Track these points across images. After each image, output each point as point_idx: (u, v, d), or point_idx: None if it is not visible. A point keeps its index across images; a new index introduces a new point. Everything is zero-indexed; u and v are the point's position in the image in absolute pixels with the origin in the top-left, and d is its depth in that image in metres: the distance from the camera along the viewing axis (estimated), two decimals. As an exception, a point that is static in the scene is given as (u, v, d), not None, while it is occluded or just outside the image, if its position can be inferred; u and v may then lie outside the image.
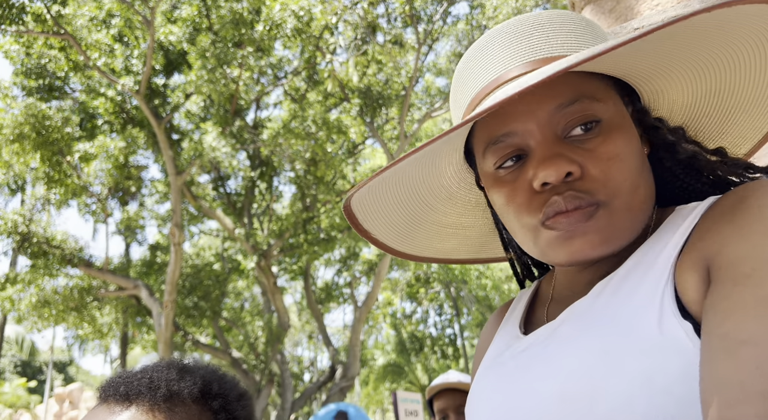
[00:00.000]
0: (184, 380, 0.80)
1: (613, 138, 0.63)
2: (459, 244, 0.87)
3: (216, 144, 11.04)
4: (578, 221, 0.60)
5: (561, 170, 0.60)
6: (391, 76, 12.39)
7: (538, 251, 0.65)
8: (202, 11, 11.34)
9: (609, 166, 0.62)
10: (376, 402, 26.59)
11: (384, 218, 0.78)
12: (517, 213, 0.65)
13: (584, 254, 0.61)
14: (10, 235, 11.16)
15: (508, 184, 0.66)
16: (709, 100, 0.71)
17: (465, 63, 0.71)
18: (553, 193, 0.62)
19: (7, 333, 28.45)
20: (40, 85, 12.30)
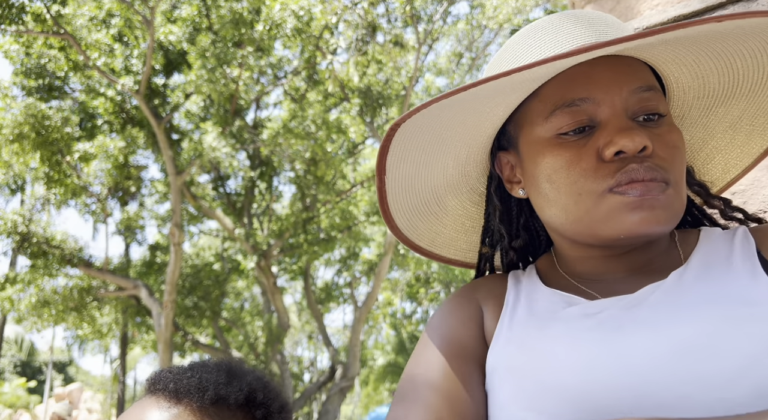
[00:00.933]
0: (232, 385, 0.80)
1: (675, 131, 0.67)
2: (434, 231, 0.86)
3: (216, 144, 11.02)
4: (652, 191, 0.62)
5: (639, 142, 0.62)
6: (391, 75, 12.38)
7: (590, 221, 0.65)
8: (202, 11, 11.33)
9: (674, 154, 0.65)
10: (376, 402, 26.58)
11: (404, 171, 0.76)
12: (580, 178, 0.65)
13: (647, 227, 0.62)
14: (9, 235, 11.15)
15: (573, 149, 0.66)
16: (706, 135, 0.79)
17: (521, 40, 0.71)
18: (628, 162, 0.63)
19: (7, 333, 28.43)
20: (40, 84, 12.28)
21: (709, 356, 0.54)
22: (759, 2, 1.30)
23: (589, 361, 0.59)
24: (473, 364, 0.69)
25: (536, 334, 0.65)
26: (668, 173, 0.63)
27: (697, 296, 0.60)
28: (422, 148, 0.73)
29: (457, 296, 0.80)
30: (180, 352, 14.60)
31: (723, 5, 1.34)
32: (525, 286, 0.76)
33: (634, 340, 0.58)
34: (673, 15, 1.40)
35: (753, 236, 0.67)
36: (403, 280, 21.94)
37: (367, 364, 24.89)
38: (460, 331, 0.73)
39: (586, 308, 0.65)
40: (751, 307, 0.56)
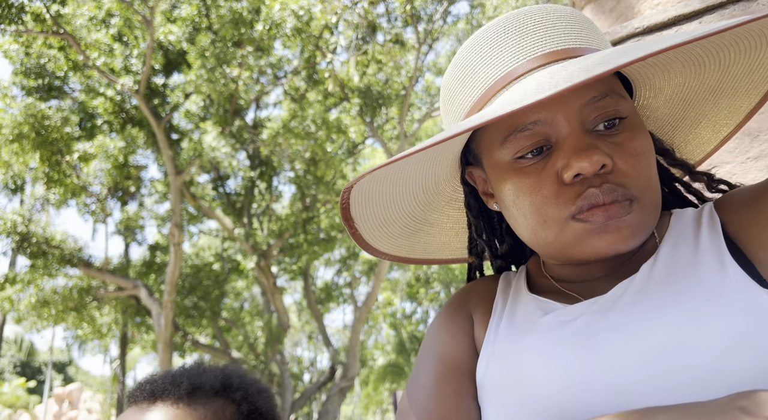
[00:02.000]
0: (206, 375, 0.85)
1: (637, 135, 0.64)
2: (424, 242, 0.86)
3: (215, 144, 11.02)
4: (616, 215, 0.60)
5: (596, 162, 0.60)
6: (391, 75, 12.38)
7: (559, 246, 0.64)
8: (202, 11, 11.32)
9: (637, 162, 0.62)
10: (376, 402, 26.58)
11: (371, 215, 0.76)
12: (542, 205, 0.63)
13: (615, 248, 0.61)
14: (9, 235, 11.15)
15: (532, 175, 0.63)
16: (686, 106, 0.76)
17: (465, 58, 0.69)
18: (587, 186, 0.61)
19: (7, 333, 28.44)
20: (40, 84, 12.28)
21: (679, 360, 0.54)
22: (759, 2, 1.29)
23: (565, 376, 0.59)
24: (467, 381, 0.70)
25: (514, 350, 0.66)
26: (631, 188, 0.61)
27: (664, 294, 0.59)
28: (385, 190, 0.73)
29: (449, 307, 0.80)
30: (180, 352, 14.60)
31: (723, 5, 1.33)
32: (513, 290, 0.76)
33: (607, 348, 0.58)
34: (674, 15, 1.39)
35: (717, 212, 0.66)
36: (403, 280, 21.94)
37: (367, 365, 24.89)
38: (452, 345, 0.74)
39: (561, 315, 0.65)
40: (717, 302, 0.56)
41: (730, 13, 1.32)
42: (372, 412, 29.04)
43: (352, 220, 0.74)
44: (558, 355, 0.61)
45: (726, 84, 0.73)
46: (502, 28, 0.66)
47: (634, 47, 0.52)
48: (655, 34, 1.43)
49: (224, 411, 0.82)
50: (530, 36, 0.64)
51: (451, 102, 0.71)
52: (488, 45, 0.66)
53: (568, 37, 0.64)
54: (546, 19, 0.65)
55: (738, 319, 0.54)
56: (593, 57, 0.54)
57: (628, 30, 1.49)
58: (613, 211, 0.60)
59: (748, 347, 0.52)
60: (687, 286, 0.59)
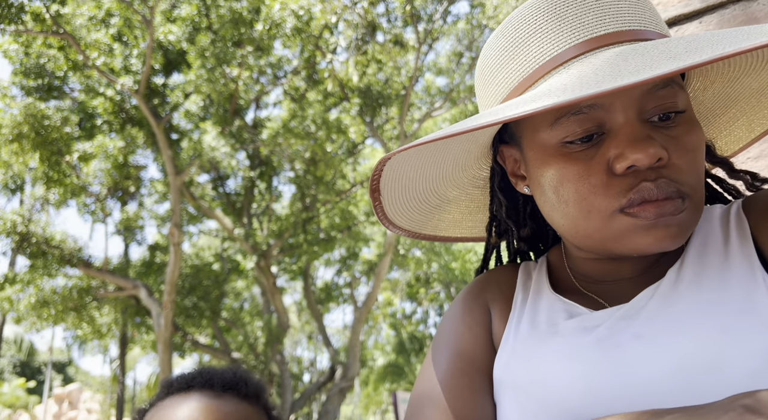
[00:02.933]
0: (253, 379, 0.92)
1: (693, 130, 0.61)
2: (437, 219, 0.84)
3: (215, 144, 11.02)
4: (667, 212, 0.58)
5: (653, 155, 0.57)
6: (391, 75, 12.37)
7: (602, 238, 0.61)
8: (202, 10, 11.31)
9: (692, 158, 0.60)
10: (376, 402, 26.58)
11: (397, 187, 0.74)
12: (589, 194, 0.60)
13: (662, 246, 0.59)
14: (9, 235, 11.14)
15: (581, 162, 0.60)
16: (729, 102, 0.73)
17: (512, 33, 0.64)
18: (641, 179, 0.58)
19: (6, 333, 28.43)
20: (39, 84, 12.28)
21: (709, 375, 0.52)
22: (759, 2, 1.28)
23: (590, 385, 0.57)
24: (482, 376, 0.68)
25: (538, 351, 0.64)
26: (684, 184, 0.59)
27: (692, 303, 0.57)
28: (415, 164, 0.70)
29: (466, 297, 0.78)
30: (179, 353, 14.59)
31: (723, 5, 1.33)
32: (534, 285, 0.74)
33: (633, 358, 0.56)
34: (674, 14, 1.39)
35: (745, 214, 0.64)
36: (403, 280, 21.94)
37: (367, 365, 24.89)
38: (469, 339, 0.72)
39: (585, 320, 0.63)
40: (750, 316, 0.54)
41: (730, 13, 1.32)
42: (372, 413, 29.03)
43: (379, 192, 0.72)
44: (584, 363, 0.59)
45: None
46: (546, 6, 0.62)
47: (710, 39, 0.48)
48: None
49: (260, 416, 0.89)
50: (577, 17, 0.60)
51: (495, 75, 0.66)
52: (543, 17, 0.61)
53: (628, 18, 0.60)
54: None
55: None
56: (665, 45, 0.51)
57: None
58: (665, 207, 0.58)
59: None
60: (717, 296, 0.57)
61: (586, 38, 0.59)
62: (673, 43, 0.51)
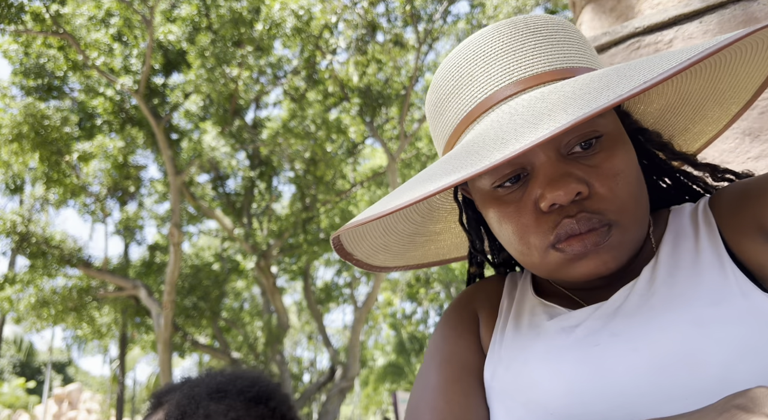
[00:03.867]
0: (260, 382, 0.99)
1: (615, 153, 0.62)
2: (435, 248, 0.87)
3: (215, 143, 11.01)
4: (593, 244, 0.60)
5: (570, 191, 0.59)
6: (391, 75, 12.37)
7: (545, 271, 0.64)
8: (202, 10, 11.31)
9: (615, 183, 0.61)
10: (376, 403, 26.57)
11: (363, 238, 0.76)
12: (524, 233, 0.63)
13: (596, 273, 0.61)
14: (8, 235, 11.13)
15: (512, 204, 0.63)
16: (682, 97, 0.74)
17: (445, 78, 0.67)
18: (563, 215, 0.60)
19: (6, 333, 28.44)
20: (39, 84, 12.27)
21: (686, 369, 0.53)
22: (759, 2, 1.28)
23: (572, 386, 0.59)
24: (475, 381, 0.70)
25: (521, 355, 0.66)
26: (609, 213, 0.60)
27: (666, 298, 0.59)
28: (377, 225, 0.74)
29: (456, 306, 0.80)
30: (179, 353, 14.59)
31: (723, 5, 1.32)
32: (518, 292, 0.76)
33: (613, 357, 0.58)
34: (674, 14, 1.39)
35: (711, 210, 0.66)
36: (403, 281, 21.94)
37: (367, 365, 24.89)
38: (460, 345, 0.74)
39: (565, 320, 0.65)
40: (720, 307, 0.55)
41: (730, 13, 1.31)
42: (372, 413, 29.03)
43: (350, 255, 0.75)
44: (564, 364, 0.61)
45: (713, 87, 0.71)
46: (484, 44, 0.65)
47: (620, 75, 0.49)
48: (655, 34, 1.42)
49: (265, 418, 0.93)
50: (511, 55, 0.62)
51: (435, 124, 0.71)
52: (470, 64, 0.65)
53: (555, 54, 0.62)
54: (530, 34, 0.63)
55: (742, 325, 0.53)
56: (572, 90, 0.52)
57: (628, 30, 1.48)
58: (590, 239, 0.60)
59: (754, 355, 0.52)
60: (689, 290, 0.58)
61: (517, 79, 0.61)
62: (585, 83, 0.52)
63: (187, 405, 0.88)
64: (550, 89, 0.56)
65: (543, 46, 0.63)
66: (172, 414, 0.88)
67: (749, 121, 1.22)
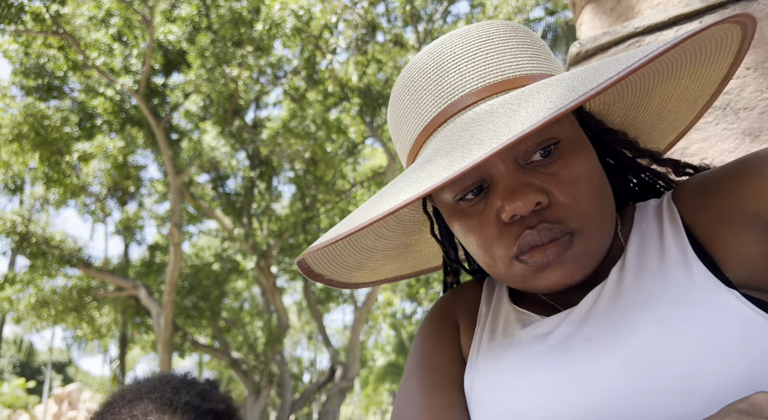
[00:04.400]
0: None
1: (574, 159, 0.61)
2: (412, 259, 0.86)
3: (215, 143, 11.01)
4: (555, 254, 0.59)
5: (529, 202, 0.58)
6: (391, 75, 12.37)
7: (512, 282, 0.64)
8: (202, 10, 11.31)
9: (576, 191, 0.60)
10: (376, 403, 26.58)
11: (333, 259, 0.75)
12: (489, 246, 0.62)
13: (563, 283, 0.61)
14: (8, 235, 11.14)
15: (474, 217, 0.63)
16: (645, 96, 0.73)
17: (402, 92, 0.67)
18: (524, 227, 0.60)
19: (6, 334, 28.44)
20: (39, 84, 12.27)
21: (656, 370, 0.53)
22: (759, 2, 1.28)
23: (547, 395, 0.58)
24: (459, 392, 0.69)
25: (495, 365, 0.65)
26: (571, 221, 0.59)
27: (634, 299, 0.59)
28: (346, 246, 0.73)
29: (435, 314, 0.79)
30: (179, 353, 14.59)
31: (723, 5, 1.32)
32: (495, 298, 0.76)
33: (586, 362, 0.57)
34: (674, 14, 1.39)
35: (675, 204, 0.65)
36: (403, 281, 21.92)
37: (367, 365, 24.89)
38: (442, 355, 0.73)
39: (537, 328, 0.65)
40: (686, 305, 0.55)
41: (730, 13, 1.31)
42: (372, 413, 29.03)
43: (320, 276, 0.75)
44: (538, 372, 0.60)
45: (672, 94, 0.71)
46: (444, 52, 0.64)
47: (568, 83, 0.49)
48: (655, 33, 1.42)
49: None
50: (471, 63, 0.62)
51: (397, 129, 0.70)
52: (431, 72, 0.64)
53: (514, 62, 0.62)
54: (489, 40, 0.63)
55: (708, 323, 0.53)
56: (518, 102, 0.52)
57: (628, 30, 1.48)
58: (551, 250, 0.59)
59: (720, 352, 0.52)
60: (656, 290, 0.58)
61: (447, 104, 0.61)
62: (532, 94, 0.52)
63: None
64: (500, 101, 0.56)
65: (494, 55, 0.62)
66: None
67: (749, 121, 1.22)
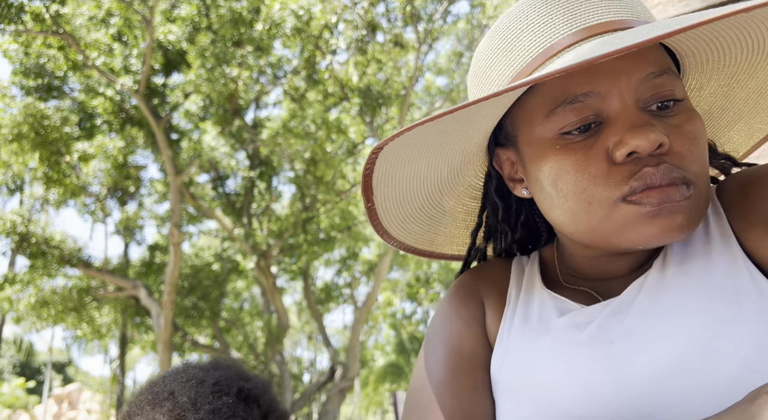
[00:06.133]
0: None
1: (694, 119, 0.59)
2: (432, 232, 0.81)
3: (215, 143, 11.01)
4: (672, 198, 0.56)
5: (654, 140, 0.55)
6: (391, 75, 12.37)
7: (603, 231, 0.59)
8: (202, 10, 11.30)
9: (694, 146, 0.58)
10: (376, 403, 26.56)
11: (391, 190, 0.70)
12: (589, 185, 0.58)
13: (668, 237, 0.56)
14: (8, 236, 11.13)
15: (580, 152, 0.58)
16: (727, 103, 0.72)
17: (507, 27, 0.63)
18: (642, 165, 0.56)
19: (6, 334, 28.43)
20: (39, 84, 12.26)
21: (702, 368, 0.52)
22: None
23: (587, 385, 0.56)
24: (484, 373, 0.67)
25: (530, 349, 0.63)
26: (688, 171, 0.56)
27: (679, 295, 0.57)
28: (410, 162, 0.67)
29: (460, 291, 0.76)
30: (179, 353, 14.58)
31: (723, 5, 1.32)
32: (525, 280, 0.72)
33: (626, 355, 0.56)
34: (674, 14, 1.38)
35: (719, 199, 0.64)
36: (403, 281, 21.93)
37: (367, 365, 24.87)
38: (467, 335, 0.70)
39: (576, 317, 0.62)
40: (735, 304, 0.54)
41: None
42: (372, 413, 29.02)
43: (371, 191, 0.68)
44: (578, 362, 0.58)
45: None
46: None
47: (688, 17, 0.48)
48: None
49: None
50: (582, 5, 0.59)
51: (488, 72, 0.65)
52: (535, 12, 0.61)
53: (620, 9, 0.59)
54: None
55: (758, 323, 0.52)
56: (648, 26, 0.50)
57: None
58: (670, 193, 0.55)
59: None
60: (702, 286, 0.56)
61: (578, 29, 0.58)
62: (660, 23, 0.50)
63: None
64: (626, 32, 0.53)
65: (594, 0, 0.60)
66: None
67: None
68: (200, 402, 0.81)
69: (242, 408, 0.82)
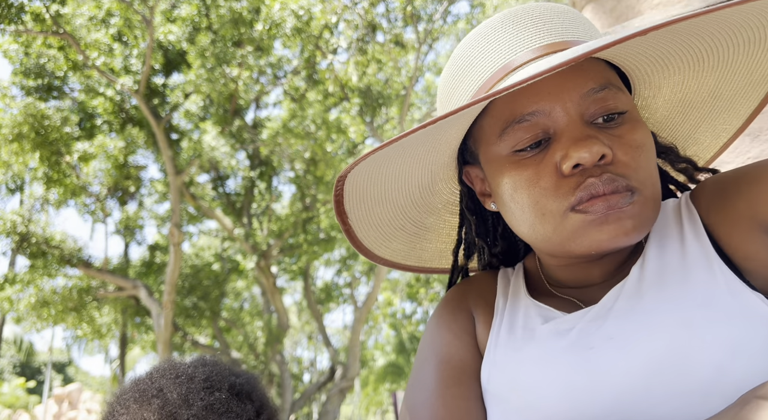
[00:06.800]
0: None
1: (637, 128, 0.63)
2: (419, 248, 0.84)
3: (215, 143, 11.01)
4: (617, 205, 0.59)
5: (596, 152, 0.58)
6: (391, 75, 12.37)
7: (558, 240, 0.63)
8: (202, 10, 11.30)
9: (638, 154, 0.61)
10: (376, 403, 26.57)
11: (366, 212, 0.73)
12: (541, 198, 0.62)
13: (616, 241, 0.59)
14: (8, 235, 11.13)
15: (530, 167, 0.62)
16: (685, 108, 0.75)
17: (465, 51, 0.68)
18: (587, 176, 0.59)
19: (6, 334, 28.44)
20: (39, 84, 12.26)
21: (679, 370, 0.53)
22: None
23: (568, 390, 0.58)
24: (474, 383, 0.69)
25: (515, 358, 0.65)
26: (632, 179, 0.60)
27: (656, 299, 0.59)
28: (380, 184, 0.70)
29: (449, 304, 0.79)
30: (179, 353, 14.58)
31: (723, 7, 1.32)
32: (512, 291, 0.75)
33: (606, 360, 0.58)
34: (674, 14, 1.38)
35: (693, 204, 0.66)
36: (403, 281, 21.93)
37: (367, 365, 24.88)
38: (457, 346, 0.72)
39: (559, 324, 0.64)
40: (710, 308, 0.55)
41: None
42: (372, 413, 29.03)
43: (345, 215, 0.72)
44: (559, 367, 0.60)
45: (725, 84, 0.71)
46: (499, 23, 0.66)
47: (622, 31, 0.52)
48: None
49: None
50: (528, 29, 0.64)
51: (449, 96, 0.70)
52: (485, 39, 0.66)
53: (565, 31, 0.64)
54: (543, 15, 0.65)
55: (733, 326, 0.53)
56: (588, 44, 0.54)
57: (627, 31, 1.48)
58: (614, 200, 0.58)
59: (744, 355, 0.52)
60: (678, 290, 0.58)
61: (532, 47, 0.63)
62: (598, 40, 0.54)
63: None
64: (568, 51, 0.57)
65: (554, 22, 0.65)
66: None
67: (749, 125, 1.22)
68: (192, 398, 0.77)
69: (236, 403, 0.79)
